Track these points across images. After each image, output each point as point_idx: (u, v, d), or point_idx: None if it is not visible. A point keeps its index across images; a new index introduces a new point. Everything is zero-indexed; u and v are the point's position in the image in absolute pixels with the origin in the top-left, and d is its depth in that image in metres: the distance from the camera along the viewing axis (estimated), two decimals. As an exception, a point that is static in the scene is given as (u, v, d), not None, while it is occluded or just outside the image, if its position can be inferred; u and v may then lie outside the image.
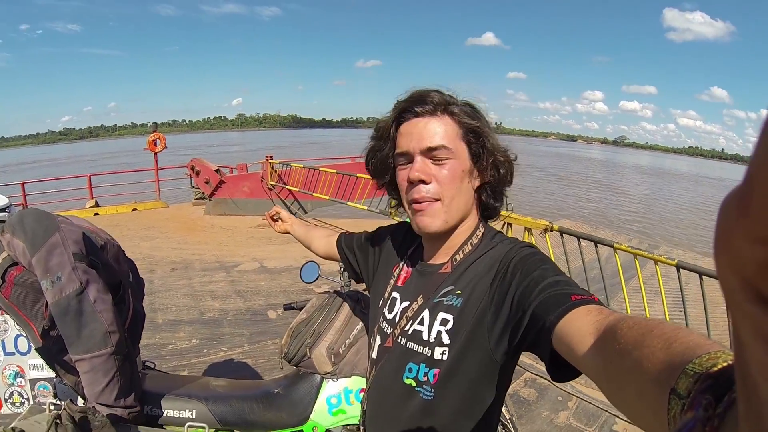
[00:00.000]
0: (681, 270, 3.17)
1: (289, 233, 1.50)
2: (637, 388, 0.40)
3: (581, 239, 3.86)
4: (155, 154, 10.11)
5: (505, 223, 4.01)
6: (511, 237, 0.91)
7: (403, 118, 0.88)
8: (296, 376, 1.50)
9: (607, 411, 3.01)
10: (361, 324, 1.49)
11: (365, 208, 7.17)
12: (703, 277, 3.06)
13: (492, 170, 0.88)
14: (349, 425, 1.47)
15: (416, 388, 0.87)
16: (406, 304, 0.93)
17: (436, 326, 0.85)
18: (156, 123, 10.74)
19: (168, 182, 10.88)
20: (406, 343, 0.90)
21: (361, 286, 1.32)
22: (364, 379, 1.47)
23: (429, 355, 0.85)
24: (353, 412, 1.45)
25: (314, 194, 8.27)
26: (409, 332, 0.89)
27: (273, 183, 9.08)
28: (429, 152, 0.84)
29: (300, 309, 1.68)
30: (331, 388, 1.46)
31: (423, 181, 0.84)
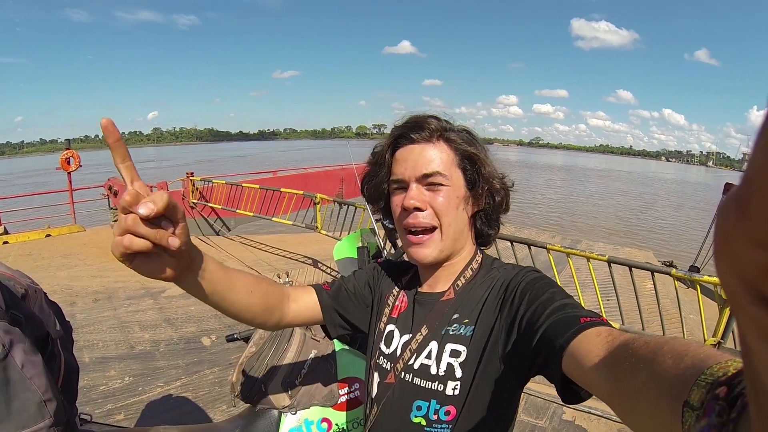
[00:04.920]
0: (612, 264, 3.45)
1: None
2: (650, 404, 0.39)
3: (514, 243, 4.06)
4: (69, 173, 9.11)
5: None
6: (511, 263, 0.91)
7: (399, 144, 0.88)
8: (252, 414, 1.40)
9: (554, 402, 3.13)
10: (314, 352, 1.42)
11: (290, 222, 7.07)
12: (633, 269, 3.35)
13: (487, 198, 0.88)
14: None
15: (426, 428, 0.82)
16: (407, 337, 0.89)
17: (446, 358, 0.82)
18: (69, 139, 9.69)
19: (84, 204, 9.91)
20: (412, 379, 0.85)
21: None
22: (324, 408, 1.42)
23: (440, 390, 0.81)
24: (315, 445, 1.39)
25: (238, 211, 8.03)
26: (415, 367, 0.85)
27: (195, 201, 8.70)
28: (424, 179, 0.83)
29: (244, 339, 1.58)
30: (290, 422, 1.38)
31: (418, 209, 0.83)
